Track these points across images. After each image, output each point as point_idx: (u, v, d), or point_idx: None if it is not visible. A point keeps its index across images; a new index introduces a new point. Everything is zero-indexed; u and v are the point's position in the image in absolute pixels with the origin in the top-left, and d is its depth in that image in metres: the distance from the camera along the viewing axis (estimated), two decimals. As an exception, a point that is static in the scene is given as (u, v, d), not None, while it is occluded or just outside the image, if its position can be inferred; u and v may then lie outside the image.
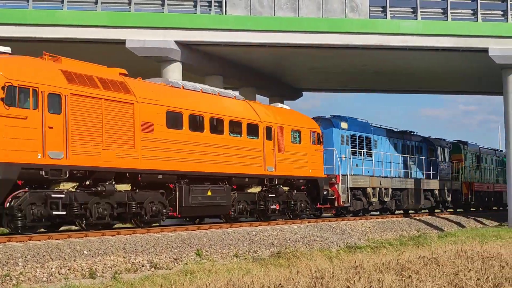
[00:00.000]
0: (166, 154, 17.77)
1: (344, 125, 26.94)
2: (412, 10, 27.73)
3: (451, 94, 57.54)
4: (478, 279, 9.32)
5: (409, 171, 31.00)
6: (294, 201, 23.06)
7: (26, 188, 14.54)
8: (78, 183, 15.66)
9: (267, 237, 20.11)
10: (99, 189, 15.83)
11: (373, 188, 27.80)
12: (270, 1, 26.91)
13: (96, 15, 26.43)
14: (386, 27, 27.48)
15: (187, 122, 18.61)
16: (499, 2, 28.19)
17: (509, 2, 27.80)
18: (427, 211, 33.63)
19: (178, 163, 18.12)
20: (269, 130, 21.99)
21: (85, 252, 14.64)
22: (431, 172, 32.40)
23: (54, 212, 14.69)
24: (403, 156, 30.88)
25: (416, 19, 27.58)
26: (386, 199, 28.74)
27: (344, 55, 29.60)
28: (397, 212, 30.47)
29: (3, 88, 13.78)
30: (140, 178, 17.08)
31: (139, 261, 15.19)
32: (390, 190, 29.08)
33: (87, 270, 13.83)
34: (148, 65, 29.31)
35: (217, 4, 26.97)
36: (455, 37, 27.69)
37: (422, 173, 31.95)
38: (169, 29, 26.66)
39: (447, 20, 27.65)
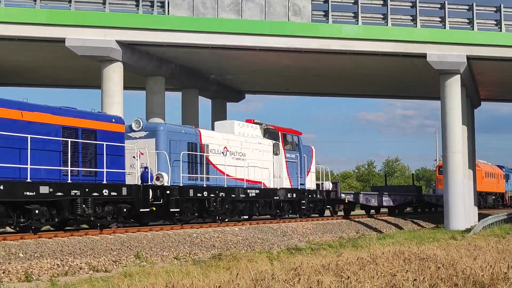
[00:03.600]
0: None
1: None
2: (353, 15, 28.10)
3: (390, 98, 58.68)
4: (415, 279, 9.47)
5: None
6: None
7: None
8: None
9: (208, 239, 20.04)
10: None
11: None
12: (213, 3, 26.84)
13: (34, 12, 25.82)
14: (327, 31, 27.77)
15: None
16: (437, 9, 28.86)
17: (446, 9, 28.49)
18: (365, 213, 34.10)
19: None
20: None
21: (20, 255, 14.28)
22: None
23: None
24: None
25: (357, 23, 27.97)
26: None
27: (286, 58, 29.76)
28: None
29: None
30: None
31: (77, 264, 14.90)
32: None
33: (23, 273, 13.48)
34: (89, 65, 28.85)
35: (159, 4, 26.72)
36: (395, 42, 28.22)
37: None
38: (110, 28, 26.27)
39: (387, 25, 28.14)
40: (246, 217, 25.84)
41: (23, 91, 52.71)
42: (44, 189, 15.94)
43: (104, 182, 17.93)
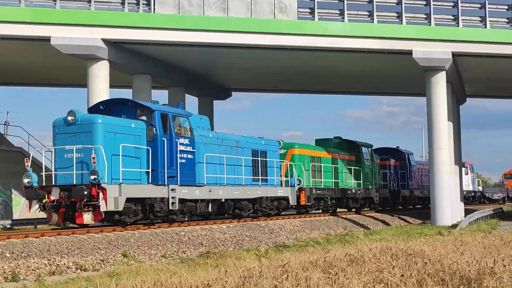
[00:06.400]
0: None
1: None
2: (339, 12, 28.13)
3: (376, 95, 58.87)
4: (402, 275, 9.44)
5: None
6: None
7: None
8: None
9: (196, 237, 20.02)
10: None
11: None
12: (199, 0, 26.77)
13: (19, 11, 25.64)
14: (314, 29, 27.80)
15: None
16: (423, 6, 28.96)
17: (432, 6, 28.60)
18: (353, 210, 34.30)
19: None
20: None
21: (7, 254, 14.21)
22: None
23: None
24: None
25: (343, 21, 28.01)
26: None
27: (273, 55, 29.77)
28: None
29: None
30: None
31: (64, 263, 14.84)
32: None
33: (10, 273, 13.41)
34: (74, 63, 28.72)
35: (145, 2, 26.62)
36: (381, 39, 28.29)
37: None
38: (96, 26, 26.15)
39: (373, 22, 28.21)
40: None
41: (8, 90, 52.11)
42: None
43: None
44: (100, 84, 26.79)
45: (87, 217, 17.67)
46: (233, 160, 23.12)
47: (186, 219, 22.46)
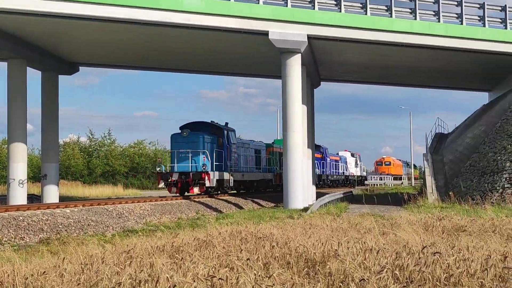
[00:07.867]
0: None
1: None
2: (196, -12, 27.31)
3: (233, 76, 58.83)
4: (248, 259, 9.24)
5: None
6: None
7: None
8: None
9: (36, 222, 18.89)
10: None
11: None
12: (44, -33, 24.87)
13: None
14: (168, 3, 26.82)
15: None
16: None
17: (289, -13, 28.50)
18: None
19: None
20: None
21: None
22: None
23: None
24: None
25: (200, -3, 27.23)
26: None
27: (125, 29, 28.43)
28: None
29: None
30: None
31: None
32: None
33: None
34: None
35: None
36: (238, 18, 27.82)
37: None
38: None
39: (230, 0, 27.66)
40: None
41: None
42: None
43: None
44: None
45: (196, 189, 31.39)
46: (249, 156, 38.42)
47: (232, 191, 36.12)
